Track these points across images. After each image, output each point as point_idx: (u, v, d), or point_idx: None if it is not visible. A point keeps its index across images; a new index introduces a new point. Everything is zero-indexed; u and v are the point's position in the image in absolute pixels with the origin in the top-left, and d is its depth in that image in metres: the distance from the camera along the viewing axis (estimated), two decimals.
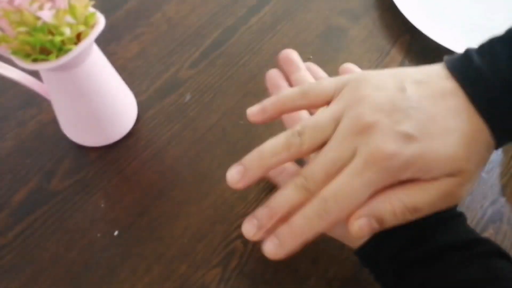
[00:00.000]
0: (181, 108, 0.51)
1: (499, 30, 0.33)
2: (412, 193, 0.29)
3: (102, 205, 0.44)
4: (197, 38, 0.57)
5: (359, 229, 0.29)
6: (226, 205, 0.44)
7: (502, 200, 0.44)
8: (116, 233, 0.43)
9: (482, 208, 0.43)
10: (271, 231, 0.31)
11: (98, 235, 0.43)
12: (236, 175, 0.33)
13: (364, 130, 0.30)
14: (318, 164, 0.31)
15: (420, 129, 0.29)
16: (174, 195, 0.45)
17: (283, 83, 0.43)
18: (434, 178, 0.29)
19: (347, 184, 0.29)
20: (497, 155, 0.47)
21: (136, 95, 0.51)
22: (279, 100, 0.36)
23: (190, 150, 0.48)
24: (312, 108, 0.37)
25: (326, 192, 0.30)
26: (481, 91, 0.30)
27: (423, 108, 0.30)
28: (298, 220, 0.30)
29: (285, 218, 0.31)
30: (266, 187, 0.45)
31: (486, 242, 0.31)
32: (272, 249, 0.31)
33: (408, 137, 0.29)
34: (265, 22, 0.58)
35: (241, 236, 0.42)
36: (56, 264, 0.41)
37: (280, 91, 0.37)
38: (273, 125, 0.49)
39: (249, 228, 0.32)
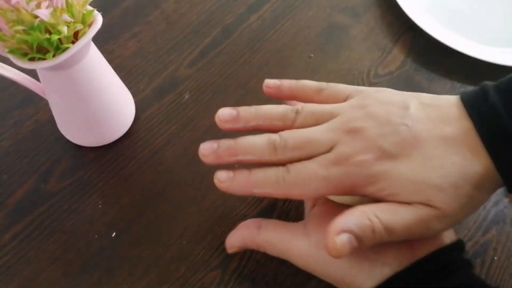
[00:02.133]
0: (179, 107, 0.50)
1: (501, 29, 0.32)
2: (387, 213, 0.29)
3: (100, 206, 0.44)
4: (196, 36, 0.56)
5: (341, 246, 0.27)
6: (226, 206, 0.44)
7: (505, 201, 0.43)
8: (114, 234, 0.42)
9: (485, 209, 0.43)
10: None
11: (96, 236, 0.42)
12: (228, 115, 0.35)
13: (351, 131, 0.31)
14: (298, 134, 0.32)
15: (401, 148, 0.29)
16: (172, 196, 0.44)
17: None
18: (407, 203, 0.29)
19: (312, 170, 0.31)
20: None
21: (134, 94, 0.50)
22: (298, 84, 0.37)
23: (189, 150, 0.47)
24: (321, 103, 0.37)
25: (292, 167, 0.31)
26: (491, 125, 0.29)
27: (416, 129, 0.30)
28: (258, 172, 0.32)
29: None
30: None
31: None
32: (223, 178, 0.33)
33: (385, 154, 0.29)
34: (265, 19, 0.57)
35: None
36: (53, 265, 0.41)
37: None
38: None
39: (207, 147, 0.34)
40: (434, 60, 0.54)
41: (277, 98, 0.38)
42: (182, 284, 0.40)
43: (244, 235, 0.36)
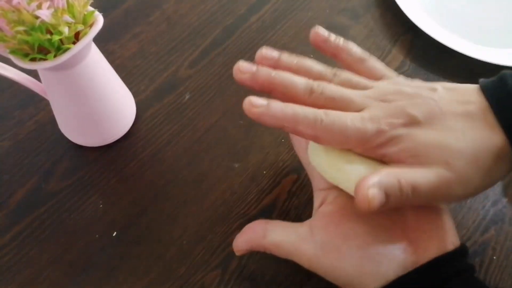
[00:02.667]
0: (180, 108, 0.50)
1: (500, 29, 0.33)
2: (412, 173, 0.30)
3: (101, 206, 0.44)
4: (196, 37, 0.56)
5: (372, 198, 0.28)
6: (226, 206, 0.44)
7: (504, 201, 0.43)
8: (114, 234, 0.42)
9: (483, 209, 0.43)
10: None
11: (96, 236, 0.42)
12: (270, 56, 0.35)
13: (383, 100, 0.32)
14: (335, 88, 0.33)
15: (428, 117, 0.31)
16: (173, 196, 0.44)
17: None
18: (426, 165, 0.30)
19: (349, 119, 0.31)
20: None
21: (135, 94, 0.50)
22: (344, 45, 0.38)
23: (190, 151, 0.47)
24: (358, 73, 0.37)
25: (330, 111, 0.31)
26: (506, 106, 0.30)
27: (442, 104, 0.32)
28: (296, 108, 0.31)
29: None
30: (266, 189, 0.44)
31: None
32: (258, 103, 0.31)
33: (413, 120, 0.31)
34: (265, 20, 0.58)
35: None
36: (54, 265, 0.41)
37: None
38: None
39: (246, 65, 0.34)
40: (433, 60, 0.54)
41: (321, 50, 0.38)
42: (182, 283, 0.40)
43: (250, 238, 0.36)
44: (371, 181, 0.28)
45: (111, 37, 0.56)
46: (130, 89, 0.50)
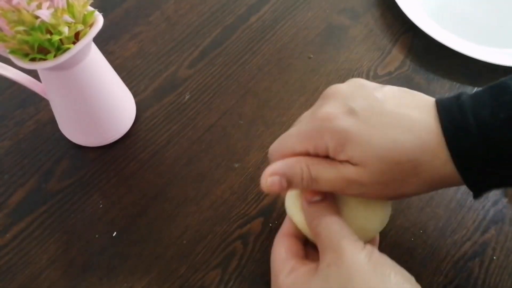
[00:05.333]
0: (180, 108, 0.50)
1: (499, 29, 0.32)
2: (318, 166, 0.31)
3: (101, 206, 0.44)
4: (196, 37, 0.56)
5: (271, 184, 0.32)
6: (226, 205, 0.44)
7: (504, 201, 0.43)
8: (114, 234, 0.42)
9: (484, 209, 0.43)
10: None
11: (97, 236, 0.42)
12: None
13: (325, 97, 0.33)
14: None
15: (365, 111, 0.30)
16: (173, 196, 0.44)
17: None
18: (342, 161, 0.31)
19: (289, 132, 0.34)
20: None
21: (135, 94, 0.50)
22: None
23: (189, 150, 0.47)
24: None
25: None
26: (453, 120, 0.29)
27: (384, 101, 0.31)
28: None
29: None
30: None
31: None
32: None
33: (350, 112, 0.30)
34: (265, 20, 0.58)
35: (241, 237, 0.42)
36: (54, 265, 0.41)
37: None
38: (274, 125, 0.49)
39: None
40: (433, 60, 0.54)
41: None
42: (183, 283, 0.40)
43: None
44: (273, 169, 0.32)
45: (111, 37, 0.56)
46: (130, 89, 0.50)
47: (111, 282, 0.40)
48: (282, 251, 0.34)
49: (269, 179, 0.32)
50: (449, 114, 0.29)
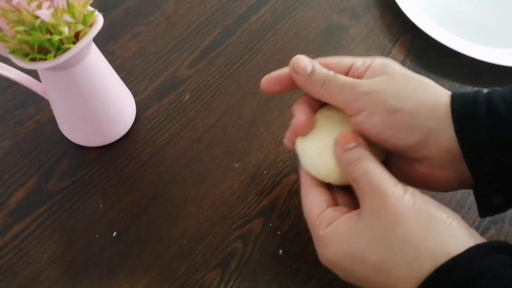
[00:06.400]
0: (180, 108, 0.50)
1: (499, 29, 0.32)
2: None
3: (101, 206, 0.44)
4: (196, 37, 0.56)
5: (300, 60, 0.35)
6: (226, 206, 0.44)
7: None
8: (114, 234, 0.42)
9: None
10: None
11: (97, 236, 0.42)
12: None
13: None
14: None
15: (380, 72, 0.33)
16: (173, 196, 0.44)
17: None
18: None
19: None
20: None
21: (135, 94, 0.50)
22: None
23: (189, 150, 0.47)
24: None
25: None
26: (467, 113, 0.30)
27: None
28: None
29: None
30: (266, 189, 0.44)
31: None
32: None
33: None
34: (265, 20, 0.58)
35: (241, 237, 0.42)
36: (54, 265, 0.41)
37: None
38: (274, 125, 0.49)
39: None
40: (433, 60, 0.54)
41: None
42: (183, 283, 0.40)
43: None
44: (305, 57, 0.35)
45: (111, 37, 0.56)
46: (130, 89, 0.50)
47: (111, 282, 0.40)
48: (313, 203, 0.34)
49: (300, 56, 0.35)
50: (461, 95, 0.31)
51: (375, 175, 0.30)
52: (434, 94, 0.32)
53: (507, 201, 0.31)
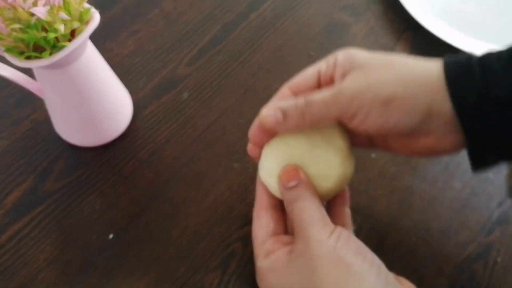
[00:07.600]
0: (179, 107, 0.50)
1: (503, 26, 0.32)
2: (314, 93, 0.32)
3: (98, 206, 0.43)
4: (195, 35, 0.56)
5: (266, 115, 0.33)
6: (226, 206, 0.43)
7: (509, 201, 0.43)
8: (112, 234, 0.42)
9: (488, 209, 0.42)
10: None
11: (94, 236, 0.42)
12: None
13: None
14: None
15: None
16: (171, 196, 0.44)
17: None
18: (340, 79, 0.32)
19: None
20: None
21: (133, 93, 0.50)
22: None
23: (188, 150, 0.47)
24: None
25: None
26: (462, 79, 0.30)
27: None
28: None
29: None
30: None
31: None
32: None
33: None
34: (265, 18, 0.57)
35: (240, 238, 0.41)
36: (51, 266, 0.41)
37: None
38: None
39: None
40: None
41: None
42: (182, 284, 0.39)
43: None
44: (267, 106, 0.34)
45: (108, 35, 0.55)
46: (128, 87, 0.49)
47: (110, 283, 0.40)
48: (260, 229, 0.35)
49: (264, 111, 0.33)
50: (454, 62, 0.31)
51: (305, 216, 0.31)
52: (420, 68, 0.32)
53: (500, 157, 0.31)
